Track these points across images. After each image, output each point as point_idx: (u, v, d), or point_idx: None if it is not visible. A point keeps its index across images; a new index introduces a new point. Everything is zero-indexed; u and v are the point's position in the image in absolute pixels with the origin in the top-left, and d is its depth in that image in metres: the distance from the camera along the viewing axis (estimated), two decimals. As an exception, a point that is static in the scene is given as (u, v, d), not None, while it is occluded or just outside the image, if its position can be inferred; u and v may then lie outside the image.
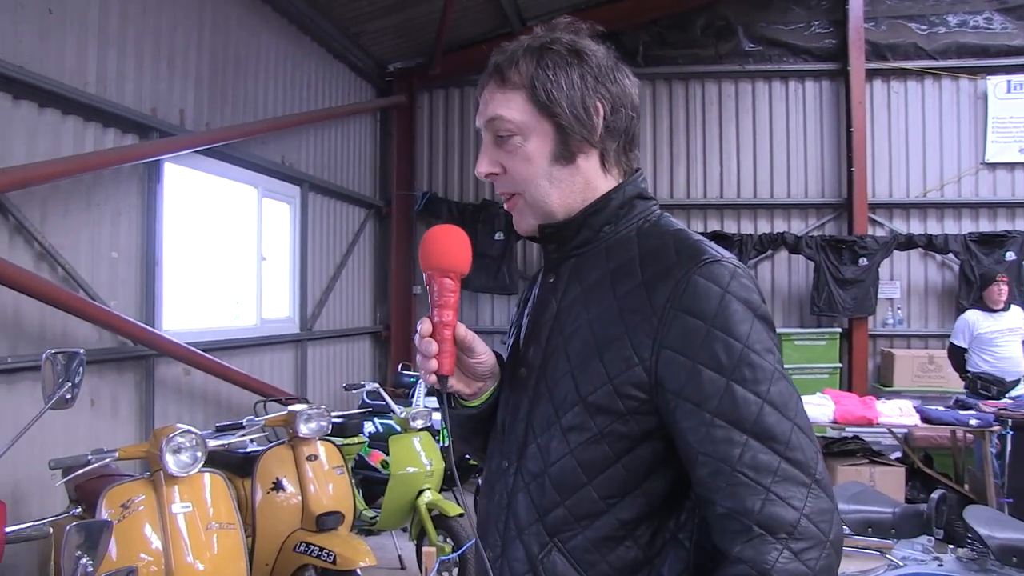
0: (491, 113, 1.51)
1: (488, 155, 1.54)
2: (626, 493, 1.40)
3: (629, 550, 1.40)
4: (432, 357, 1.44)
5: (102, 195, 5.39)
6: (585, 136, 1.49)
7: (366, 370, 10.46)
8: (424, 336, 1.44)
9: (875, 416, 6.51)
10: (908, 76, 10.23)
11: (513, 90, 1.50)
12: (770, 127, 10.55)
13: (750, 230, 10.42)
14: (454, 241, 1.48)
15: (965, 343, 7.57)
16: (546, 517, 1.43)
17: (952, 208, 10.15)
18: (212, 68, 6.66)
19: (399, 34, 9.77)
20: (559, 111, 1.47)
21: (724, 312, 1.33)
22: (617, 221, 1.53)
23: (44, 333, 4.89)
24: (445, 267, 1.47)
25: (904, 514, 3.46)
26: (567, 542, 1.42)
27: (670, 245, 1.44)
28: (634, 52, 10.58)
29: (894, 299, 10.20)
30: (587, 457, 1.40)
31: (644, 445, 1.39)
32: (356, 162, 10.03)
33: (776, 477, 1.27)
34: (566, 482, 1.41)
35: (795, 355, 9.78)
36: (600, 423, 1.39)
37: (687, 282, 1.35)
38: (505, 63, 1.51)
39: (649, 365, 1.35)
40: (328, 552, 4.30)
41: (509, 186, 1.54)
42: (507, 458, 1.53)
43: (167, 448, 3.48)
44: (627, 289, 1.41)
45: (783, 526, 1.25)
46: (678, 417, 1.34)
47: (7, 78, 4.56)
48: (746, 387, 1.30)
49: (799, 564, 1.24)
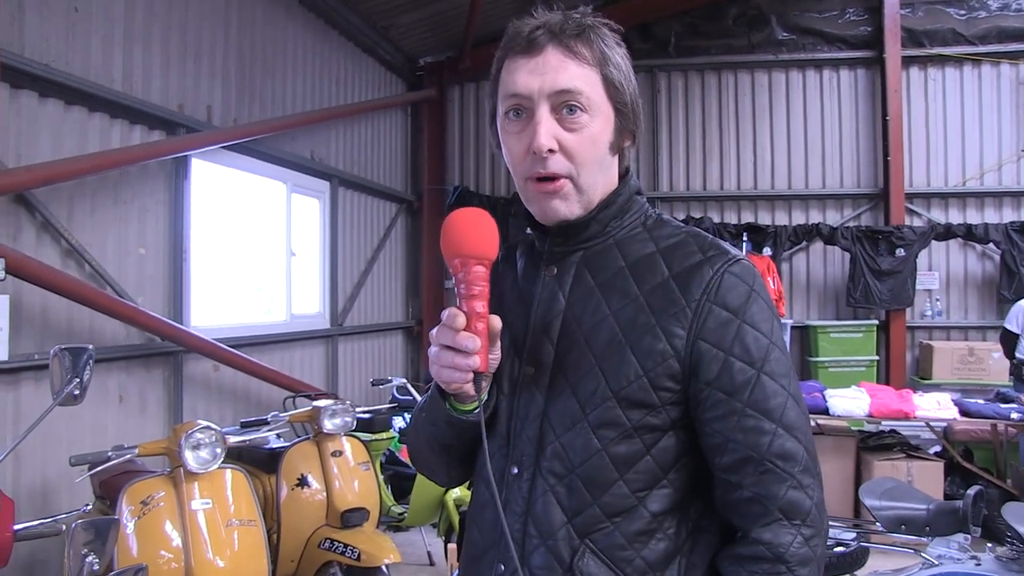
0: (564, 84, 1.40)
1: (548, 127, 1.41)
2: (654, 485, 1.40)
3: (660, 542, 1.39)
4: (474, 353, 1.34)
5: (129, 192, 5.41)
6: (631, 127, 1.48)
7: (398, 365, 10.46)
8: (459, 329, 1.33)
9: (912, 409, 6.37)
10: (946, 62, 10.02)
11: (585, 64, 1.42)
12: (804, 117, 10.39)
13: (784, 221, 10.29)
14: (483, 224, 1.37)
15: (1018, 328, 7.52)
16: (575, 519, 1.39)
17: (992, 197, 9.94)
18: (239, 64, 6.67)
19: (428, 28, 9.74)
20: (624, 97, 1.45)
21: (752, 308, 1.38)
22: (622, 216, 1.50)
23: (72, 330, 4.92)
24: (478, 254, 1.35)
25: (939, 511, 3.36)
26: (598, 542, 1.38)
27: (690, 242, 1.45)
28: (666, 43, 10.50)
29: (932, 290, 10.01)
30: (619, 452, 1.38)
31: (669, 435, 1.40)
32: (386, 157, 10.02)
33: (800, 466, 1.35)
34: (598, 479, 1.38)
35: (831, 348, 9.64)
36: (634, 417, 1.37)
37: (721, 278, 1.38)
38: (569, 31, 1.42)
39: (683, 356, 1.37)
40: (353, 549, 4.28)
41: (562, 167, 1.42)
42: (517, 463, 1.45)
43: (186, 444, 3.47)
44: (653, 284, 1.41)
45: (799, 513, 1.34)
46: (708, 406, 1.36)
47: (33, 76, 4.59)
48: (775, 380, 1.37)
49: (807, 550, 1.33)
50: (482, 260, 1.35)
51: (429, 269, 10.81)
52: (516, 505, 1.44)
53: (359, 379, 9.10)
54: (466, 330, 1.34)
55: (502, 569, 1.45)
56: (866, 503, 3.51)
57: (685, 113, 10.63)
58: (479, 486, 1.56)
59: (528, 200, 1.50)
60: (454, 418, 1.47)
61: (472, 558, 1.54)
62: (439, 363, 1.37)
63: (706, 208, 10.52)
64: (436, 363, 1.38)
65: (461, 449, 1.55)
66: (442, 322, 1.36)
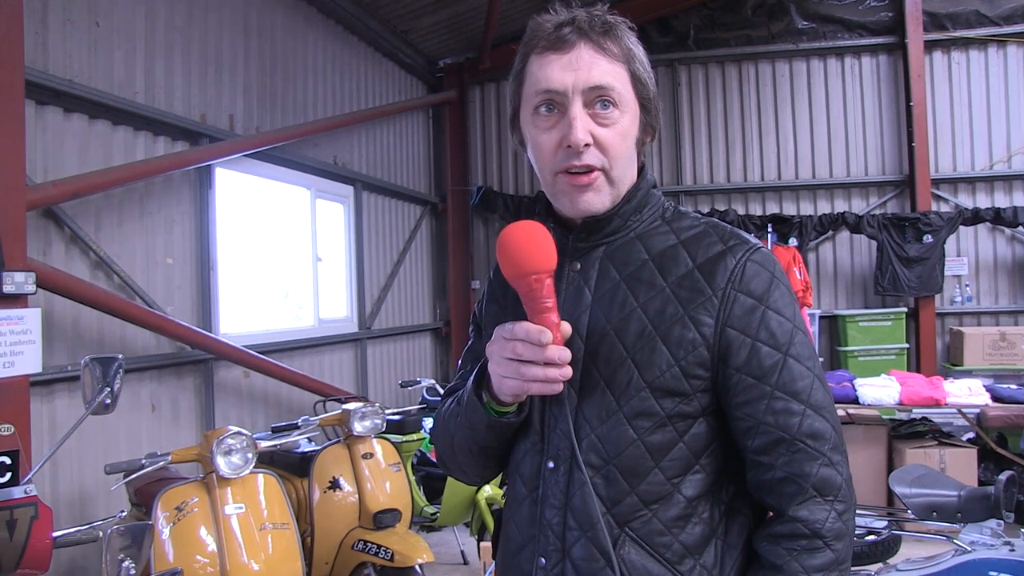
0: (598, 80, 1.43)
1: (584, 122, 1.44)
2: (687, 471, 1.43)
3: (696, 526, 1.43)
4: (567, 364, 1.38)
5: (155, 203, 5.48)
6: (653, 123, 1.53)
7: (427, 367, 10.51)
8: (546, 344, 1.35)
9: (943, 396, 6.32)
10: (970, 45, 9.91)
11: (615, 60, 1.45)
12: (827, 105, 10.32)
13: (810, 211, 10.21)
14: (541, 237, 1.38)
15: None
16: (614, 508, 1.42)
17: (1020, 179, 9.81)
18: (260, 72, 6.73)
19: (447, 30, 9.78)
20: (648, 93, 1.50)
21: (775, 293, 1.43)
22: (641, 211, 1.53)
23: (103, 341, 4.99)
24: (545, 268, 1.37)
25: (971, 497, 3.34)
26: (639, 529, 1.42)
27: (711, 232, 1.48)
28: (685, 36, 10.46)
29: (962, 276, 9.91)
30: (655, 441, 1.42)
31: (700, 422, 1.44)
32: (409, 159, 10.07)
33: (830, 444, 1.40)
34: (635, 468, 1.42)
35: (860, 337, 9.57)
36: (668, 406, 1.41)
37: (744, 266, 1.43)
38: (598, 28, 1.45)
39: (712, 344, 1.41)
40: (386, 550, 4.31)
41: (595, 160, 1.45)
42: (553, 458, 1.48)
43: (218, 450, 3.52)
44: (679, 275, 1.44)
45: (832, 489, 1.39)
46: (738, 391, 1.41)
47: (58, 92, 4.66)
48: (801, 362, 1.41)
49: (841, 524, 1.39)
50: (550, 272, 1.38)
51: (455, 270, 10.84)
52: (554, 498, 1.47)
53: (388, 381, 9.15)
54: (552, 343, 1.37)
55: (543, 563, 1.48)
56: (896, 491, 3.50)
57: (707, 106, 10.59)
58: (515, 483, 1.57)
59: (557, 194, 1.52)
60: (495, 421, 1.50)
61: (510, 553, 1.57)
62: (525, 378, 1.38)
63: (730, 200, 10.48)
64: (519, 378, 1.39)
65: (499, 450, 1.60)
66: (516, 337, 1.38)
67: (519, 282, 1.38)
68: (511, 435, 1.56)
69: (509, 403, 1.48)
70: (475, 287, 11.00)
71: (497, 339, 1.42)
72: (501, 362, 1.40)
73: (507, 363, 1.39)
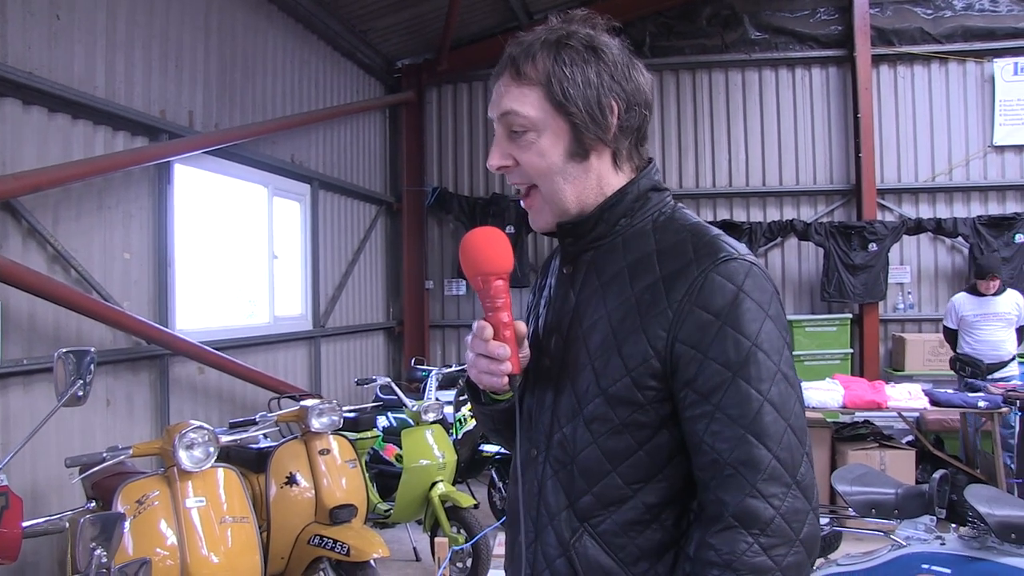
0: (505, 107, 1.51)
1: (500, 148, 1.54)
2: (650, 479, 1.45)
3: (656, 532, 1.46)
4: (506, 360, 1.47)
5: (113, 198, 5.47)
6: (599, 135, 1.50)
7: (380, 365, 10.54)
8: (489, 340, 1.47)
9: (884, 400, 6.52)
10: (915, 61, 10.21)
11: (529, 85, 1.49)
12: (777, 115, 10.55)
13: (759, 218, 10.44)
14: (498, 243, 1.49)
15: (954, 324, 7.83)
16: (576, 503, 1.49)
17: (961, 192, 10.14)
18: (220, 69, 6.74)
19: (407, 31, 9.82)
20: (574, 110, 1.48)
21: (737, 310, 1.38)
22: (633, 214, 1.55)
23: (59, 335, 4.98)
24: (497, 270, 1.48)
25: (907, 495, 3.49)
26: (597, 527, 1.47)
27: (687, 241, 1.48)
28: (641, 43, 10.60)
29: (904, 284, 10.20)
30: (611, 446, 1.45)
31: (662, 432, 1.44)
32: (366, 159, 10.10)
33: (763, 475, 1.33)
34: (592, 470, 1.47)
35: (806, 341, 9.80)
36: (621, 414, 1.44)
37: (704, 279, 1.40)
38: (521, 56, 1.50)
39: (664, 357, 1.41)
40: (342, 544, 4.36)
41: (523, 178, 1.54)
42: (536, 446, 1.57)
43: (180, 444, 3.56)
44: (645, 284, 1.45)
45: (757, 522, 1.33)
46: (686, 406, 1.40)
47: (16, 84, 4.64)
48: (750, 384, 1.36)
49: (765, 559, 1.32)
50: (501, 275, 1.48)
51: (410, 270, 10.89)
52: (532, 485, 1.57)
53: (342, 380, 9.17)
54: (495, 339, 1.48)
55: (521, 539, 1.60)
56: (838, 489, 3.64)
57: (660, 112, 10.74)
58: (513, 462, 1.66)
59: None
60: (486, 409, 1.65)
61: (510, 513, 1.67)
62: (477, 369, 1.52)
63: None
64: (474, 368, 1.53)
65: (506, 433, 1.72)
66: (473, 333, 1.50)
67: (473, 280, 1.49)
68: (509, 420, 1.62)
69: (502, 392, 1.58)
70: (429, 287, 11.06)
71: None
72: (469, 355, 1.54)
73: (470, 356, 1.53)
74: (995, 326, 7.53)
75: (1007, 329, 7.55)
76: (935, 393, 6.66)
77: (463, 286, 10.92)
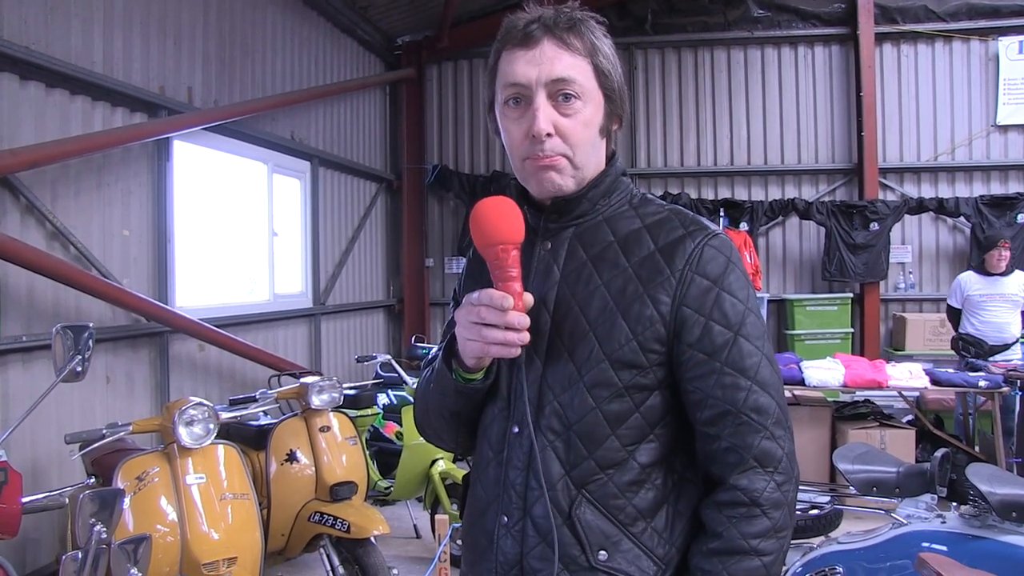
0: (560, 73, 1.52)
1: (547, 113, 1.53)
2: (642, 439, 1.54)
3: (649, 491, 1.54)
4: (524, 329, 1.47)
5: (112, 174, 5.45)
6: (619, 112, 1.61)
7: (380, 343, 10.54)
8: (507, 308, 1.45)
9: (885, 379, 6.52)
10: (918, 39, 10.15)
11: (578, 55, 1.54)
12: (780, 93, 10.51)
13: (761, 197, 10.43)
14: (511, 211, 1.50)
15: (958, 304, 7.69)
16: (573, 471, 1.53)
17: (963, 171, 10.12)
18: (219, 45, 6.69)
19: (407, 7, 9.77)
20: (612, 84, 1.57)
21: (729, 277, 1.52)
22: (610, 196, 1.63)
23: (58, 312, 4.97)
24: (512, 239, 1.48)
25: (908, 473, 3.48)
26: (595, 492, 1.53)
27: (673, 218, 1.58)
28: (643, 20, 10.57)
29: (906, 263, 10.19)
30: (612, 410, 1.52)
31: (655, 394, 1.54)
32: (366, 136, 10.06)
33: (772, 419, 1.50)
34: (593, 435, 1.52)
35: (807, 321, 9.80)
36: (625, 378, 1.51)
37: (702, 250, 1.52)
38: (562, 25, 1.54)
39: (668, 321, 1.51)
40: (342, 521, 4.36)
41: (558, 148, 1.54)
42: (518, 423, 1.58)
43: (180, 420, 3.55)
44: (641, 256, 1.55)
45: (772, 461, 1.49)
46: (691, 366, 1.51)
47: (13, 59, 4.61)
48: (751, 341, 1.51)
49: (779, 494, 1.49)
50: (516, 244, 1.49)
51: (410, 248, 10.88)
52: (518, 461, 1.58)
53: (342, 357, 9.18)
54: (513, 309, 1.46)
55: (505, 520, 1.59)
56: (839, 467, 3.63)
57: (662, 90, 10.71)
58: (483, 447, 1.67)
59: (526, 177, 1.62)
60: (463, 387, 1.60)
61: (477, 513, 1.67)
62: (487, 340, 1.48)
63: (683, 184, 10.63)
64: (481, 340, 1.48)
65: (468, 415, 1.69)
66: (480, 303, 1.47)
67: (487, 251, 1.48)
68: (480, 401, 1.65)
69: (474, 369, 1.57)
70: (429, 265, 11.05)
71: (465, 305, 1.51)
72: (467, 325, 1.50)
73: (472, 326, 1.49)
74: (1002, 307, 7.42)
75: (1013, 311, 7.45)
76: (936, 372, 6.65)
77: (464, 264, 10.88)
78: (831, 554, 3.47)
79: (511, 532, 1.58)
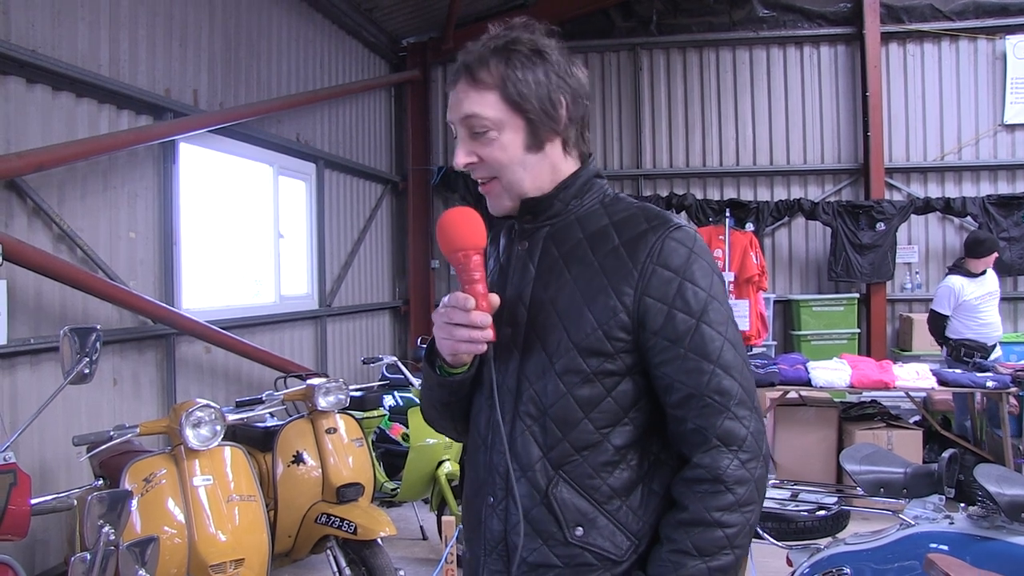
0: (466, 111, 1.66)
1: (465, 147, 1.69)
2: (617, 423, 1.64)
3: (624, 472, 1.65)
4: (487, 327, 1.60)
5: (118, 177, 5.46)
6: (552, 127, 1.69)
7: (386, 344, 10.55)
8: (471, 310, 1.59)
9: (892, 380, 6.50)
10: (924, 38, 10.13)
11: (486, 89, 1.65)
12: (785, 93, 10.50)
13: (767, 197, 10.40)
14: (471, 220, 1.62)
15: (949, 310, 7.34)
16: (550, 453, 1.64)
17: (970, 171, 10.09)
18: (224, 48, 6.71)
19: (411, 8, 9.77)
20: (529, 107, 1.65)
21: (691, 267, 1.60)
22: (582, 196, 1.74)
23: (65, 314, 4.98)
24: (474, 245, 1.61)
25: (916, 474, 3.47)
26: (571, 472, 1.63)
27: (639, 215, 1.69)
28: (648, 21, 10.56)
29: (912, 263, 10.17)
30: (582, 394, 1.62)
31: (627, 380, 1.64)
32: (371, 138, 10.07)
33: (735, 401, 1.57)
34: (566, 419, 1.63)
35: (813, 321, 9.78)
36: (593, 364, 1.62)
37: (662, 242, 1.61)
38: (475, 63, 1.66)
39: (632, 311, 1.60)
40: (349, 523, 4.36)
41: (487, 172, 1.70)
42: (500, 410, 1.67)
43: (187, 422, 3.56)
44: (606, 250, 1.65)
45: (735, 440, 1.56)
46: (656, 352, 1.60)
47: (20, 62, 4.62)
48: (712, 327, 1.59)
49: (744, 471, 1.56)
50: (478, 249, 1.61)
51: (415, 249, 10.88)
52: (500, 445, 1.68)
53: (348, 359, 9.18)
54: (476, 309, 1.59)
55: (491, 501, 1.72)
56: (846, 468, 3.62)
57: (667, 91, 10.71)
58: (473, 434, 1.80)
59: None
60: (445, 381, 1.75)
61: (470, 495, 1.81)
62: (455, 338, 1.62)
63: (689, 185, 10.62)
64: (451, 338, 1.63)
65: (458, 405, 1.82)
66: (448, 305, 1.62)
67: (452, 256, 1.61)
68: (469, 392, 1.78)
69: (455, 364, 1.71)
70: (435, 266, 11.06)
71: (439, 307, 1.66)
72: (440, 326, 1.65)
73: (444, 326, 1.64)
74: (992, 305, 7.30)
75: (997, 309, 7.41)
76: (943, 373, 6.63)
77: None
78: (838, 555, 3.46)
79: (496, 511, 1.70)
